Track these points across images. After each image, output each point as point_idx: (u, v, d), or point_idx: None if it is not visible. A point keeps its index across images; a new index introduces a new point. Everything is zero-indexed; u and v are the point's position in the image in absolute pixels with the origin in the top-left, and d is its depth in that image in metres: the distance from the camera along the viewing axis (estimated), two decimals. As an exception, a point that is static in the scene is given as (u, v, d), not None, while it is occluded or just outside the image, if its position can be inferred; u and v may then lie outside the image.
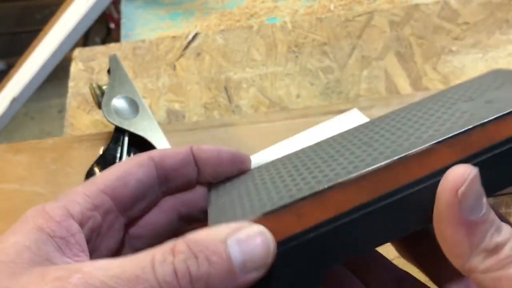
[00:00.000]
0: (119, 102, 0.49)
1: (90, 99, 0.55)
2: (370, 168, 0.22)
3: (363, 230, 0.22)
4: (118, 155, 0.45)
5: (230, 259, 0.20)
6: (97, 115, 0.59)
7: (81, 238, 0.25)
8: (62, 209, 0.25)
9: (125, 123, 0.47)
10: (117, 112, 0.48)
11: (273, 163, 0.29)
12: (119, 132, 0.47)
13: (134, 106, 0.49)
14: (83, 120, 0.59)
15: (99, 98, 0.50)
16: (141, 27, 0.74)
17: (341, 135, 0.29)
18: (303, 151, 0.29)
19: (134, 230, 0.30)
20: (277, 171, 0.27)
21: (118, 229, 0.28)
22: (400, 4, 0.69)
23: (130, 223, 0.29)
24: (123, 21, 0.75)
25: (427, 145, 0.22)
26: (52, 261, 0.23)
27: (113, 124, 0.47)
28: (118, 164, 0.28)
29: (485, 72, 0.30)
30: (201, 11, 0.74)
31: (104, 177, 0.27)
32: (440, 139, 0.22)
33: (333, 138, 0.29)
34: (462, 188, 0.21)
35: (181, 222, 0.31)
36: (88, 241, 0.25)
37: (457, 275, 0.27)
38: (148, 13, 0.75)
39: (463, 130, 0.22)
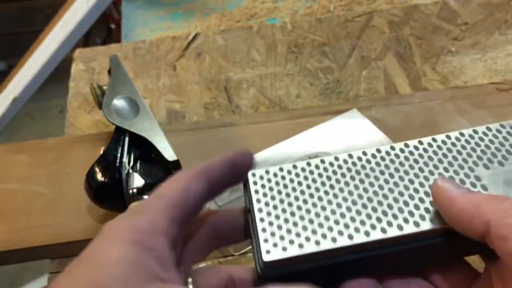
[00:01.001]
0: (119, 102, 0.49)
1: (91, 99, 0.55)
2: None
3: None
4: (119, 155, 0.45)
5: None
6: (98, 115, 0.59)
7: (170, 253, 0.24)
8: (150, 223, 0.24)
9: (125, 123, 0.47)
10: (118, 112, 0.48)
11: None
12: (119, 132, 0.47)
13: (135, 106, 0.49)
14: (84, 120, 0.59)
15: (100, 98, 0.50)
16: (141, 27, 0.74)
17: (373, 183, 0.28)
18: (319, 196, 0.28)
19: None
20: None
21: (182, 242, 0.27)
22: (399, 4, 0.69)
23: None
24: (124, 21, 0.76)
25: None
26: (160, 277, 0.22)
27: (113, 124, 0.48)
28: (177, 177, 0.27)
29: (506, 122, 0.30)
30: (201, 12, 0.74)
31: (170, 190, 0.26)
32: None
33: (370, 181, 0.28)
34: (440, 181, 0.26)
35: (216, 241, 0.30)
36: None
37: None
38: (148, 14, 0.76)
39: None
